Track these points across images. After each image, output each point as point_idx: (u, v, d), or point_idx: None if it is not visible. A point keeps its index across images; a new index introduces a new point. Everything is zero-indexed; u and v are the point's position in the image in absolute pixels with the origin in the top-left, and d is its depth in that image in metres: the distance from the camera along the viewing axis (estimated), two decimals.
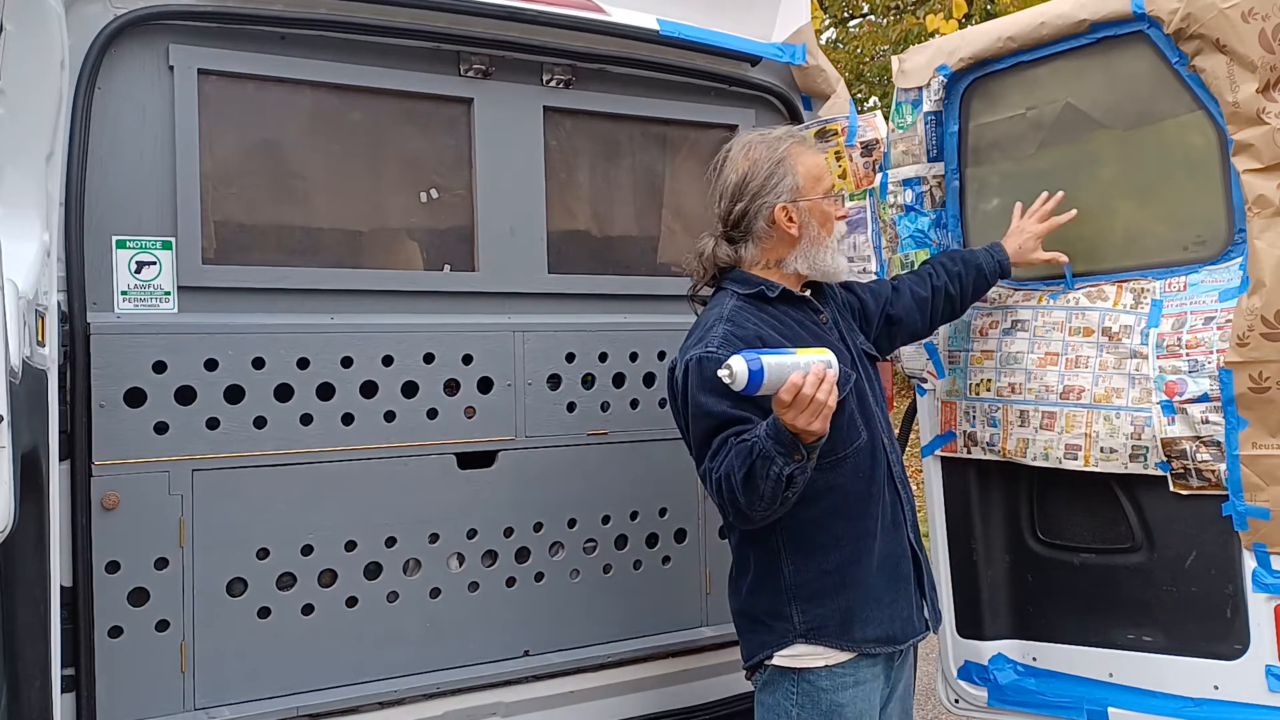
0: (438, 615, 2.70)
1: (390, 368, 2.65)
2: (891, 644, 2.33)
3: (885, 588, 2.32)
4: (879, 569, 2.31)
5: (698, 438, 2.23)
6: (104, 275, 2.39)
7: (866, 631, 2.29)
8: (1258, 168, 2.29)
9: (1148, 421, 2.48)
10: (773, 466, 2.03)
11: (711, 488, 2.18)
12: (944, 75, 2.84)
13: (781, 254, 2.38)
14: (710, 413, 2.18)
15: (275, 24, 2.56)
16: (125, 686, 2.35)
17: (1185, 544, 2.50)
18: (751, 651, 2.37)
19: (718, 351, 2.17)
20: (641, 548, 2.99)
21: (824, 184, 2.38)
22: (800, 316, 2.38)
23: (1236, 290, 2.35)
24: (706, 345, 2.23)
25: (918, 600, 2.41)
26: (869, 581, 2.30)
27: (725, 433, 2.16)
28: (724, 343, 2.21)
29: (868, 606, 2.30)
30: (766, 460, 2.03)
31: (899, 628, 2.34)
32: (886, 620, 2.32)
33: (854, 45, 13.22)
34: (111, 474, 2.35)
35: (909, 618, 2.37)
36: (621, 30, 2.93)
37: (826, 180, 2.40)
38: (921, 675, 3.58)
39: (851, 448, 2.30)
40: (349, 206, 2.78)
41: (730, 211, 2.38)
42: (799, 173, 2.35)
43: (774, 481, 2.05)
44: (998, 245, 2.76)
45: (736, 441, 2.12)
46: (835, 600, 2.29)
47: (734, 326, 2.26)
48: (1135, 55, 2.52)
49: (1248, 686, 2.39)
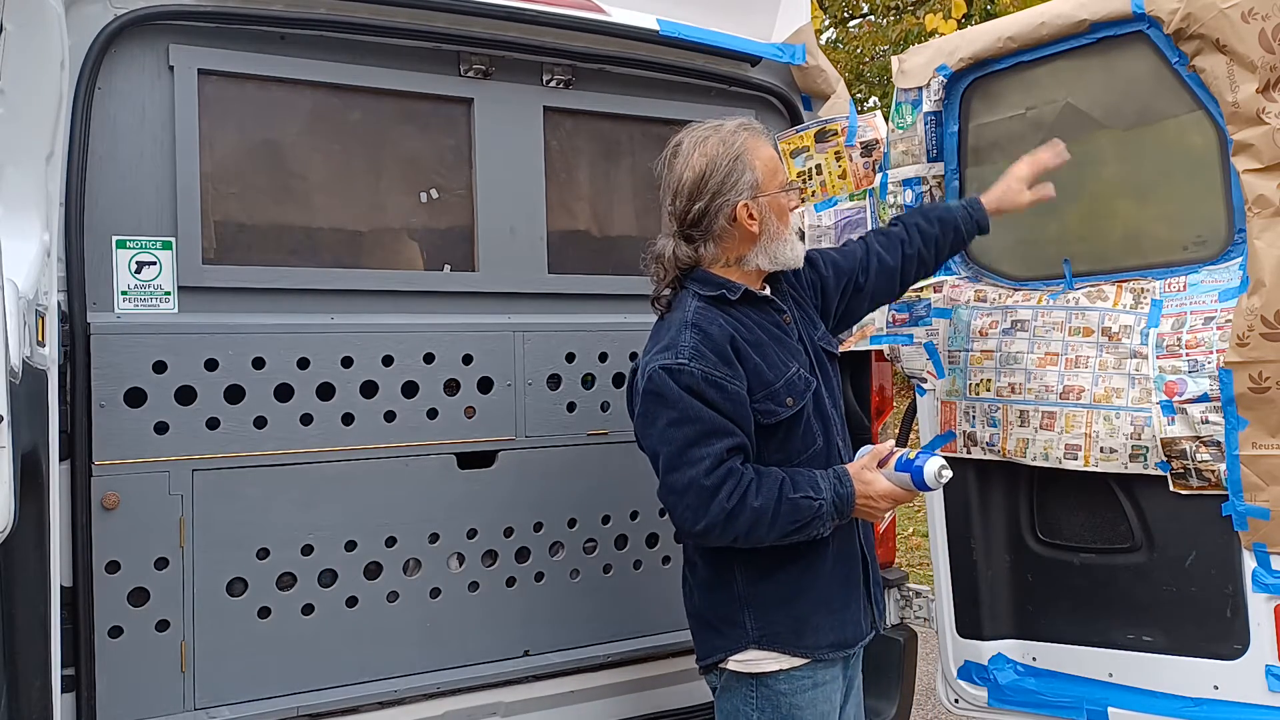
0: (438, 615, 2.70)
1: (390, 368, 2.65)
2: (843, 649, 2.31)
3: (838, 594, 2.30)
4: (832, 575, 2.29)
5: (676, 444, 2.15)
6: (104, 275, 2.39)
7: (819, 638, 2.27)
8: (1258, 168, 2.29)
9: (1148, 421, 2.48)
10: (820, 528, 2.17)
11: (707, 507, 2.12)
12: (944, 75, 2.84)
13: (742, 251, 2.30)
14: (695, 418, 2.14)
15: (275, 24, 2.56)
16: (125, 686, 2.35)
17: (1185, 544, 2.50)
18: (705, 653, 2.35)
19: (689, 364, 2.15)
20: (641, 548, 2.99)
21: (779, 177, 2.32)
22: (762, 318, 2.32)
23: (1236, 290, 2.35)
24: (677, 355, 2.18)
25: (865, 603, 2.38)
26: (822, 588, 2.28)
27: (719, 451, 2.12)
28: (695, 354, 2.17)
29: (820, 613, 2.27)
30: (820, 523, 2.16)
31: (850, 632, 2.32)
32: (839, 625, 2.30)
33: (854, 45, 13.23)
34: (111, 474, 2.35)
35: (858, 621, 2.35)
36: (621, 30, 2.93)
37: (781, 172, 2.35)
38: (921, 675, 3.58)
39: (807, 454, 2.27)
40: (349, 206, 2.78)
41: (689, 211, 2.26)
42: (757, 168, 2.26)
43: (808, 538, 2.19)
44: (976, 201, 2.66)
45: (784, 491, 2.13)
46: (788, 608, 2.26)
47: (702, 335, 2.20)
48: (1135, 55, 2.52)
49: (1248, 686, 2.39)
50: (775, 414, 2.22)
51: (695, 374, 2.15)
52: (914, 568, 6.97)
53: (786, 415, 2.23)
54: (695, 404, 2.14)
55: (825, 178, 3.18)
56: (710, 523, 2.12)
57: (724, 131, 2.29)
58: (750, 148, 2.27)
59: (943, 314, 2.92)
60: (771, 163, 2.31)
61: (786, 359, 2.28)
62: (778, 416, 2.22)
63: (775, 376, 2.23)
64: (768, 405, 2.21)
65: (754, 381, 2.20)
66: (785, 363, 2.27)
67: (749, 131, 2.30)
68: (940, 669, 3.03)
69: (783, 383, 2.24)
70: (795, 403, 2.24)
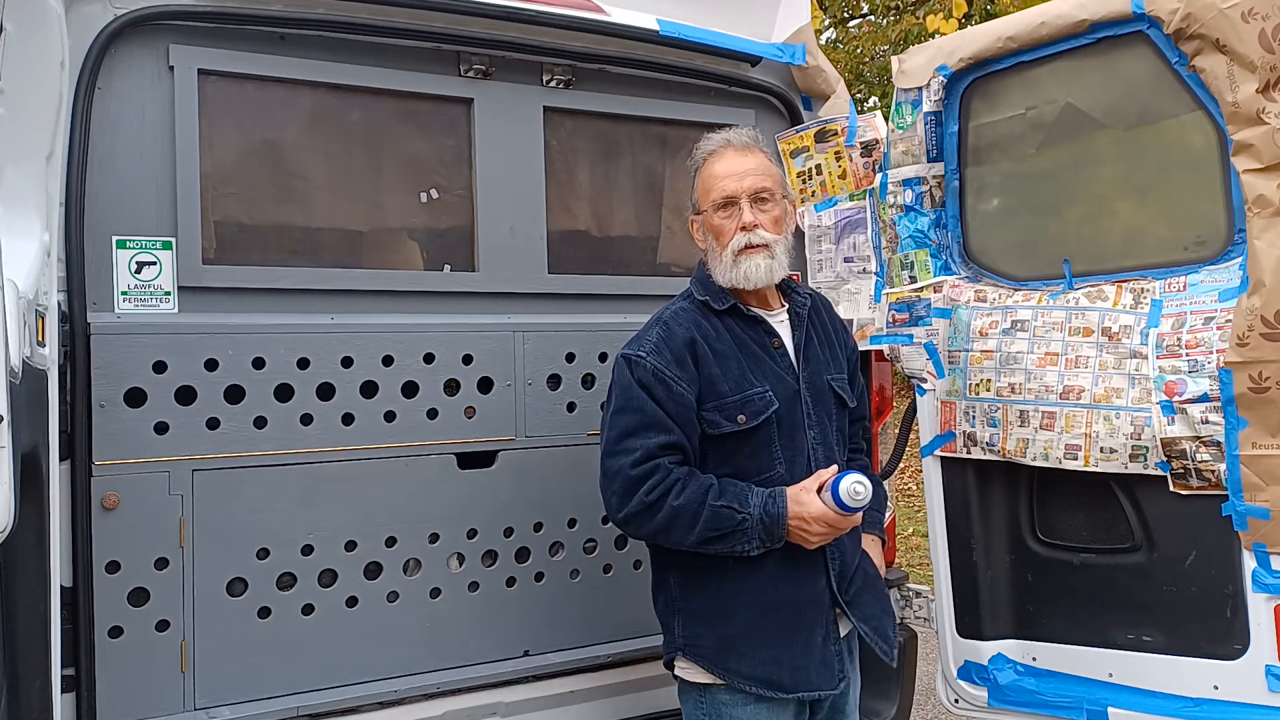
0: (438, 615, 2.70)
1: (390, 368, 2.65)
2: (774, 689, 2.22)
3: (776, 631, 2.23)
4: (770, 610, 2.23)
5: (617, 430, 2.23)
6: (104, 275, 2.39)
7: (742, 667, 2.23)
8: (1258, 168, 2.29)
9: (1148, 421, 2.48)
10: (745, 544, 2.15)
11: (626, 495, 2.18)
12: (944, 75, 2.84)
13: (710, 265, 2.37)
14: (638, 410, 2.21)
15: (275, 24, 2.56)
16: (125, 686, 2.35)
17: (1185, 544, 2.50)
18: (664, 653, 2.41)
19: (646, 358, 2.23)
20: (641, 547, 2.98)
21: (711, 196, 2.31)
22: (746, 334, 2.33)
23: (1236, 290, 2.35)
24: (639, 347, 2.27)
25: (829, 653, 2.27)
26: (753, 618, 2.23)
27: (651, 445, 2.18)
28: (654, 349, 2.25)
29: (749, 642, 2.23)
30: (744, 537, 2.15)
31: (788, 676, 2.22)
32: (771, 663, 2.22)
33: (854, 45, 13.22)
34: (112, 474, 2.35)
35: (805, 668, 2.24)
36: (621, 30, 2.93)
37: (715, 192, 2.31)
38: (921, 675, 3.57)
39: (761, 477, 2.24)
40: (349, 206, 2.78)
41: None
42: (697, 187, 2.36)
43: (729, 551, 2.17)
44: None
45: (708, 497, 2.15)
46: (714, 625, 2.26)
47: (667, 333, 2.27)
48: (1135, 55, 2.52)
49: (1248, 686, 2.39)
50: (720, 426, 2.24)
51: (648, 368, 2.23)
52: (914, 568, 6.97)
53: (732, 430, 2.23)
54: (642, 396, 2.21)
55: (825, 178, 3.18)
56: (630, 513, 2.19)
57: (700, 147, 2.39)
58: (703, 165, 2.35)
59: (943, 314, 2.92)
60: (708, 181, 2.33)
61: (754, 377, 2.28)
62: (722, 429, 2.23)
63: (731, 390, 2.25)
64: (714, 416, 2.24)
65: (705, 389, 2.24)
66: (750, 380, 2.27)
67: (712, 145, 2.36)
68: (940, 669, 3.03)
69: (738, 398, 2.25)
70: (747, 421, 2.23)
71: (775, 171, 2.38)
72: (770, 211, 2.31)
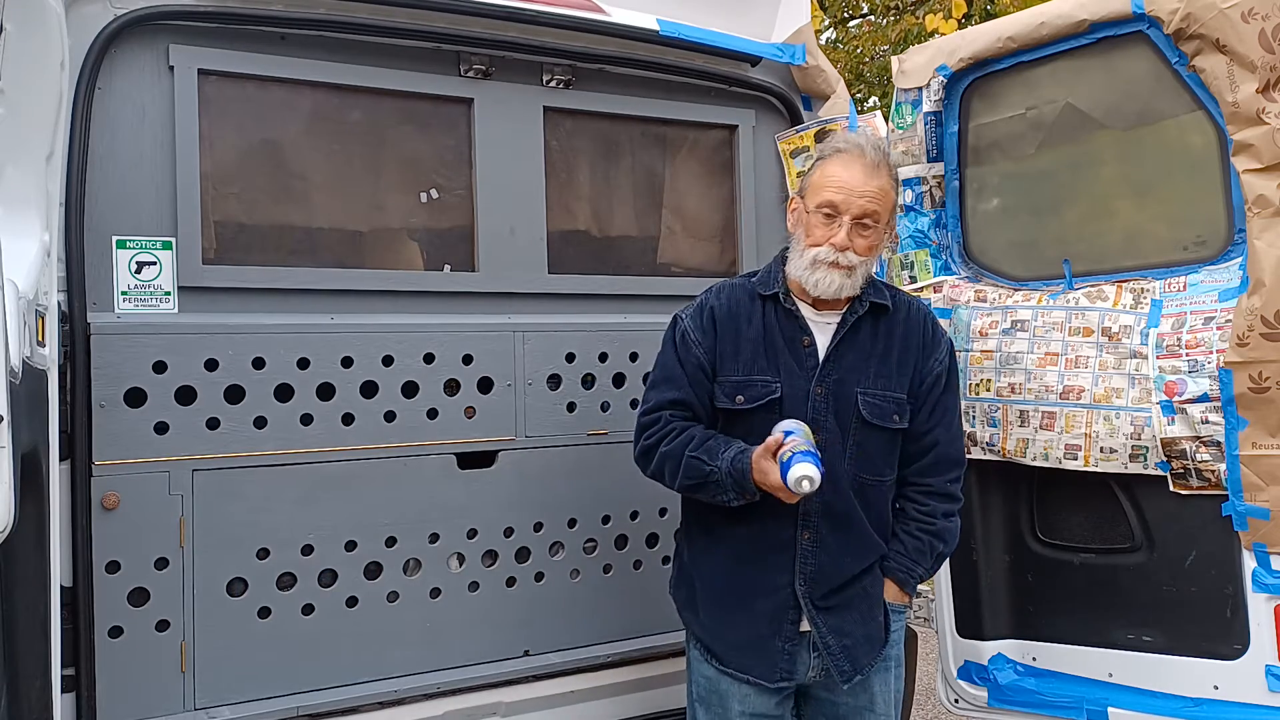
0: (438, 615, 2.70)
1: (390, 368, 2.65)
2: (713, 658, 2.36)
3: (724, 606, 2.36)
4: (723, 586, 2.36)
5: (651, 381, 2.45)
6: (104, 275, 2.38)
7: (693, 626, 2.43)
8: (1258, 168, 2.29)
9: (1147, 421, 2.48)
10: (723, 495, 2.25)
11: (637, 441, 2.39)
12: (944, 75, 2.84)
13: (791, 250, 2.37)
14: (663, 364, 2.41)
15: (275, 24, 2.56)
16: (125, 686, 2.35)
17: (1185, 544, 2.50)
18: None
19: (685, 319, 2.41)
20: (641, 548, 2.99)
21: (821, 196, 2.28)
22: (780, 325, 2.33)
23: (1236, 290, 2.35)
24: (687, 310, 2.44)
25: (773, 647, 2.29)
26: (711, 586, 2.38)
27: (663, 399, 2.36)
28: (694, 312, 2.41)
29: (703, 607, 2.39)
30: (719, 488, 2.24)
31: (724, 651, 2.35)
32: (714, 634, 2.37)
33: (854, 45, 13.21)
34: (111, 474, 2.34)
35: (741, 651, 2.32)
36: (621, 30, 2.93)
37: (825, 194, 2.27)
38: (921, 675, 3.58)
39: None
40: (349, 206, 2.77)
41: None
42: (812, 175, 2.35)
43: (718, 501, 2.27)
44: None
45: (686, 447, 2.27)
46: (691, 580, 2.44)
47: (707, 298, 2.43)
48: (1135, 55, 2.52)
49: (1248, 686, 2.39)
50: (720, 401, 2.35)
51: (680, 328, 2.41)
52: None
53: (727, 408, 2.33)
54: (670, 353, 2.41)
55: None
56: (637, 455, 2.41)
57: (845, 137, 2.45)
58: (829, 159, 2.33)
59: (943, 314, 2.92)
60: (824, 179, 2.29)
61: (767, 365, 2.30)
62: (721, 404, 2.35)
63: (736, 370, 2.33)
64: (718, 390, 2.35)
65: (718, 362, 2.36)
66: (761, 367, 2.30)
67: (847, 145, 2.34)
68: (940, 669, 3.03)
69: (741, 379, 2.32)
70: (744, 403, 2.31)
71: (891, 197, 2.32)
72: (869, 237, 2.28)
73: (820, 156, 2.37)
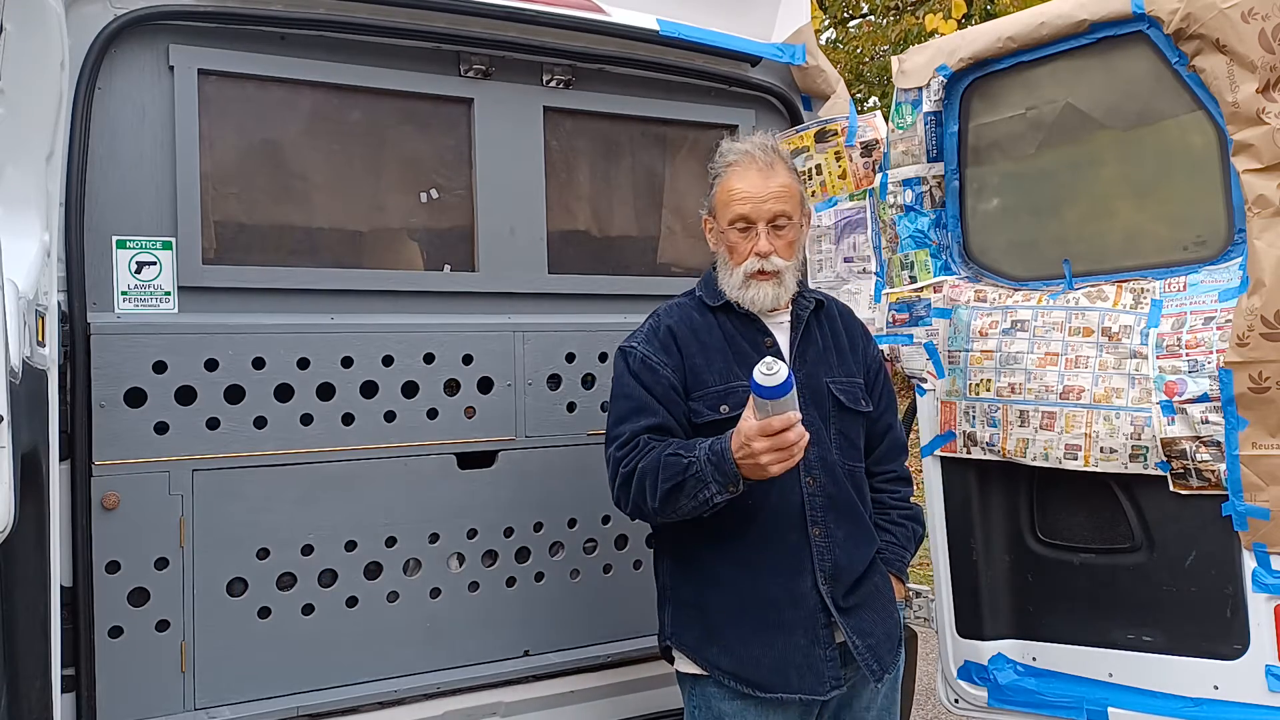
0: (438, 615, 2.70)
1: (390, 368, 2.65)
2: (751, 687, 2.19)
3: (754, 627, 2.21)
4: (747, 604, 2.22)
5: (612, 418, 2.30)
6: (104, 275, 2.39)
7: (721, 661, 2.23)
8: (1258, 168, 2.29)
9: (1147, 421, 2.48)
10: (705, 490, 2.08)
11: (614, 477, 2.23)
12: (944, 75, 2.84)
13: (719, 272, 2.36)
14: (629, 396, 2.28)
15: (275, 24, 2.56)
16: (125, 686, 2.35)
17: (1185, 544, 2.50)
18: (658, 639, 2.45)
19: (637, 348, 2.32)
20: (641, 548, 2.99)
21: (729, 212, 2.28)
22: (739, 331, 2.33)
23: (1236, 290, 2.35)
24: (633, 339, 2.36)
25: (815, 657, 2.21)
26: (731, 611, 2.23)
27: (637, 427, 2.22)
28: (644, 339, 2.33)
29: (728, 636, 2.23)
30: (700, 483, 2.08)
31: (766, 676, 2.19)
32: (750, 661, 2.20)
33: (854, 45, 13.21)
34: (111, 474, 2.35)
35: (784, 670, 2.20)
36: (621, 30, 2.93)
37: (733, 208, 2.27)
38: (921, 675, 3.58)
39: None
40: (349, 206, 2.78)
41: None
42: (715, 193, 2.34)
43: (700, 504, 2.11)
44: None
45: (664, 451, 2.14)
46: (698, 615, 2.28)
47: (656, 322, 2.36)
48: (1135, 55, 2.52)
49: (1248, 686, 2.39)
50: (703, 415, 2.26)
51: (637, 356, 2.31)
52: (914, 568, 6.95)
53: (713, 419, 2.24)
54: (632, 383, 2.29)
55: (825, 178, 3.18)
56: (616, 492, 2.25)
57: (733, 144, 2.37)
58: (724, 176, 2.32)
59: (943, 314, 2.92)
60: (727, 195, 2.30)
61: (741, 371, 2.26)
62: (704, 418, 2.26)
63: (714, 381, 2.27)
64: (698, 405, 2.27)
65: (690, 378, 2.28)
66: (736, 373, 2.27)
67: (735, 156, 2.33)
68: (940, 669, 3.03)
69: (721, 389, 2.26)
70: (730, 410, 2.22)
71: (796, 189, 2.32)
72: (786, 235, 2.29)
73: (715, 175, 2.36)
